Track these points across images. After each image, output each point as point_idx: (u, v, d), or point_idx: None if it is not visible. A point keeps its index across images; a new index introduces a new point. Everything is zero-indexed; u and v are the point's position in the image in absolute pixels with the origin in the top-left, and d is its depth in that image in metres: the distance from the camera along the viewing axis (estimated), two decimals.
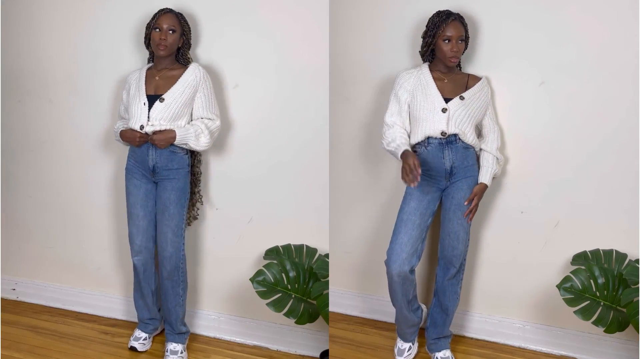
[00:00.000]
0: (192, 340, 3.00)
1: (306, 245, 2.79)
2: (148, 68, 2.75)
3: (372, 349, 2.92)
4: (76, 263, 3.26)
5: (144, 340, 2.92)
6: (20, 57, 3.16)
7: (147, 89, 2.68)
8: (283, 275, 2.65)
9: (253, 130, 2.86)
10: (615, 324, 2.41)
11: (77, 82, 3.07)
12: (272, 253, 2.78)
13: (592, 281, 2.46)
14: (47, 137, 3.19)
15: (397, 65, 2.87)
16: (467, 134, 2.59)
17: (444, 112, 2.57)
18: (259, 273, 2.63)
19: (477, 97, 2.63)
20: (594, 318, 2.43)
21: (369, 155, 3.04)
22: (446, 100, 2.59)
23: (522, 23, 2.67)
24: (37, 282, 3.36)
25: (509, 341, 2.91)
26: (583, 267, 2.50)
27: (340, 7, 2.98)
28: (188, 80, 2.68)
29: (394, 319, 3.00)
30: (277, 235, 2.83)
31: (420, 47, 2.67)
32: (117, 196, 3.09)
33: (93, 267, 3.23)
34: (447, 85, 2.62)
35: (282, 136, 2.84)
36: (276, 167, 2.86)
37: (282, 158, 2.85)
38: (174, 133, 2.65)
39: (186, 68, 2.71)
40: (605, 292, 2.46)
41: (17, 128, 3.24)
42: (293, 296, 2.63)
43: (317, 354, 2.86)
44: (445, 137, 2.58)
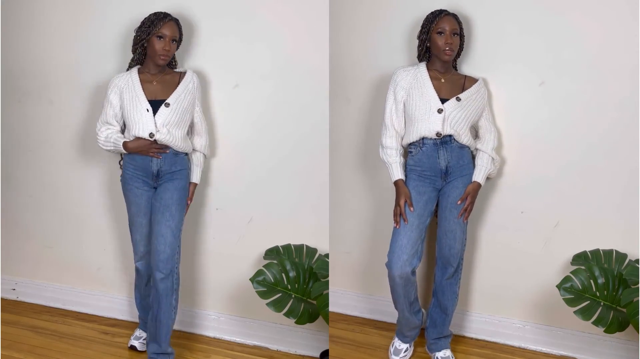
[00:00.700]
0: (192, 340, 3.00)
1: (306, 245, 2.79)
2: (140, 73, 2.64)
3: (372, 349, 2.92)
4: (76, 263, 3.26)
5: (144, 339, 2.90)
6: (20, 57, 3.16)
7: (145, 94, 2.60)
8: (283, 275, 2.65)
9: (253, 130, 2.86)
10: (615, 324, 2.41)
11: (77, 82, 3.06)
12: (272, 253, 2.78)
13: (592, 281, 2.46)
14: (47, 137, 3.19)
15: (396, 65, 2.86)
16: (462, 135, 2.59)
17: (439, 112, 2.57)
18: (259, 273, 2.63)
19: (473, 98, 2.62)
20: (594, 318, 2.43)
21: (368, 155, 3.04)
22: (443, 100, 2.59)
23: (521, 25, 2.67)
24: (37, 282, 3.36)
25: (509, 341, 2.91)
26: (583, 267, 2.50)
27: (340, 7, 2.98)
28: (188, 86, 2.66)
29: (393, 319, 3.00)
30: (277, 235, 2.83)
31: (417, 47, 2.68)
32: (118, 196, 3.07)
33: (93, 267, 3.22)
34: (444, 85, 2.62)
35: (282, 136, 2.84)
36: (276, 167, 2.86)
37: (282, 158, 2.85)
38: (195, 186, 2.78)
39: (180, 74, 2.68)
40: (605, 292, 2.46)
41: (17, 128, 3.24)
42: (293, 296, 2.63)
43: (317, 354, 2.86)
44: (440, 138, 2.58)
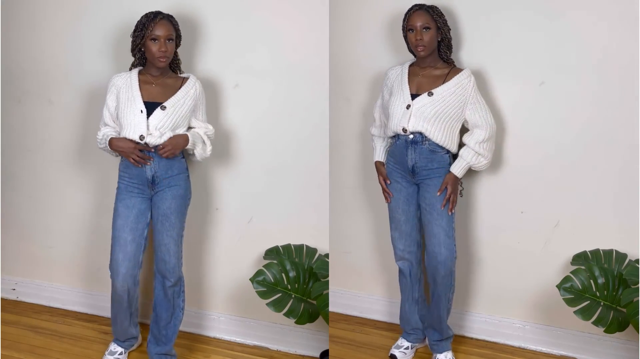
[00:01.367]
0: (192, 340, 2.99)
1: (306, 245, 2.79)
2: (140, 74, 2.59)
3: (372, 349, 2.92)
4: (76, 263, 3.26)
5: (119, 354, 2.77)
6: (20, 57, 3.16)
7: (142, 96, 2.53)
8: (283, 275, 2.65)
9: (253, 130, 2.86)
10: (615, 324, 2.41)
11: (77, 82, 3.06)
12: (272, 253, 2.77)
13: (592, 281, 2.46)
14: (47, 137, 3.19)
15: (396, 65, 2.87)
16: (436, 133, 2.54)
17: (407, 108, 2.56)
18: (259, 273, 2.63)
19: (451, 91, 2.54)
20: (594, 318, 2.43)
21: (368, 155, 3.04)
22: (416, 96, 2.57)
23: (522, 24, 2.67)
24: (37, 282, 3.36)
25: (509, 341, 2.90)
26: (583, 267, 2.50)
27: (340, 7, 2.98)
28: (190, 92, 2.57)
29: (393, 319, 3.01)
30: (277, 235, 2.82)
31: None
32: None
33: (93, 267, 3.22)
34: (422, 81, 2.60)
35: (282, 136, 2.84)
36: (276, 167, 2.86)
37: (282, 158, 2.85)
38: (185, 136, 2.54)
39: (183, 79, 2.61)
40: (605, 292, 2.46)
41: (17, 128, 3.24)
42: (293, 296, 2.63)
43: (317, 354, 2.86)
44: (407, 135, 2.57)
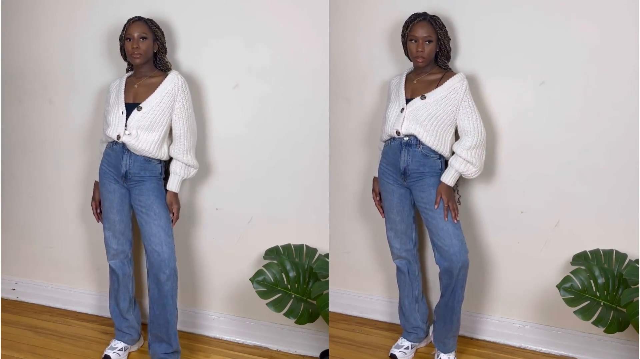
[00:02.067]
0: (192, 340, 2.99)
1: (306, 245, 2.79)
2: (128, 77, 2.72)
3: (372, 349, 2.92)
4: (76, 263, 3.26)
5: (119, 350, 2.81)
6: (20, 57, 3.16)
7: (126, 97, 2.65)
8: (283, 275, 2.65)
9: (253, 130, 2.86)
10: (615, 324, 2.41)
11: (76, 82, 3.07)
12: (272, 253, 2.77)
13: (592, 281, 2.46)
14: (47, 137, 3.19)
15: (397, 65, 2.87)
16: (428, 136, 2.56)
17: (402, 112, 2.60)
18: (259, 273, 2.63)
19: (444, 95, 2.57)
20: (594, 318, 2.43)
21: (368, 155, 3.04)
22: (410, 100, 2.61)
23: (522, 24, 2.67)
24: (37, 282, 3.36)
25: (509, 341, 2.90)
26: (583, 267, 2.50)
27: (341, 7, 2.98)
28: (167, 88, 2.63)
29: (393, 320, 3.01)
30: (277, 235, 2.82)
31: None
32: None
33: (93, 267, 3.22)
34: (417, 86, 2.64)
35: (282, 136, 2.84)
36: (276, 167, 2.86)
37: (282, 158, 2.85)
38: (172, 193, 2.66)
39: (165, 76, 2.66)
40: (605, 292, 2.46)
41: (17, 128, 3.24)
42: (293, 296, 2.63)
43: (317, 354, 2.86)
44: (401, 137, 2.60)
